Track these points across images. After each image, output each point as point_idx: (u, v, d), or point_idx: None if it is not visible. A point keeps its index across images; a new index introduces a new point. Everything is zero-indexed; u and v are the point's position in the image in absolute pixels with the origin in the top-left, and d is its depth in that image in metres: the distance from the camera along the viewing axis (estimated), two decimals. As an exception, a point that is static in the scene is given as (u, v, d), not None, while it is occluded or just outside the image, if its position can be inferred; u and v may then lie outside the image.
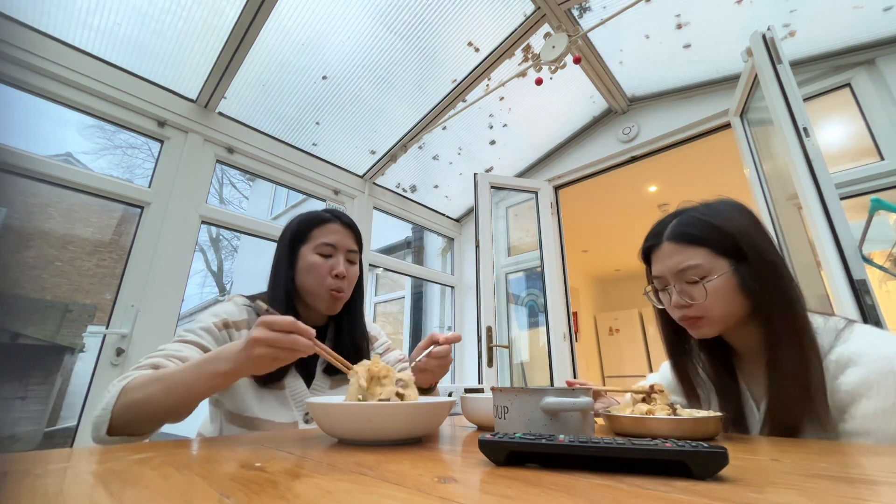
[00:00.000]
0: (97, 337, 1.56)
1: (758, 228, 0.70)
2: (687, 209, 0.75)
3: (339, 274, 0.88)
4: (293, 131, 2.24)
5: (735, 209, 0.72)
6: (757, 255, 0.67)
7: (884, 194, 1.58)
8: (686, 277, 0.70)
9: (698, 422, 0.59)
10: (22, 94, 1.52)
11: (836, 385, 0.61)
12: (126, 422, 0.60)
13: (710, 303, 0.68)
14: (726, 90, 2.10)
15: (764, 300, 0.66)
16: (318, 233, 0.90)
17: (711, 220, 0.70)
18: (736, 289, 0.68)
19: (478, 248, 2.42)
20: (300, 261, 0.89)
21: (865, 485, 0.34)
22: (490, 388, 0.57)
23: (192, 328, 0.79)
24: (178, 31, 1.65)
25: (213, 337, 0.79)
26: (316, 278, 0.87)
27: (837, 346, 0.63)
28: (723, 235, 0.68)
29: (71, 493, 0.30)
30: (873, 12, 1.65)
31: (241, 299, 0.91)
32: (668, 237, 0.72)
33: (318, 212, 0.95)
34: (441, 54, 2.00)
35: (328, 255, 0.89)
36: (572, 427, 0.49)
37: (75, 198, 6.28)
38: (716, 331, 0.72)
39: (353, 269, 0.93)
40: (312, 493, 0.30)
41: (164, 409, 0.61)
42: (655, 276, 0.75)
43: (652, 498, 0.28)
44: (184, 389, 0.60)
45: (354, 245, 0.94)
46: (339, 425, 0.54)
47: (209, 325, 0.80)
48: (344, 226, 0.93)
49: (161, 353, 0.70)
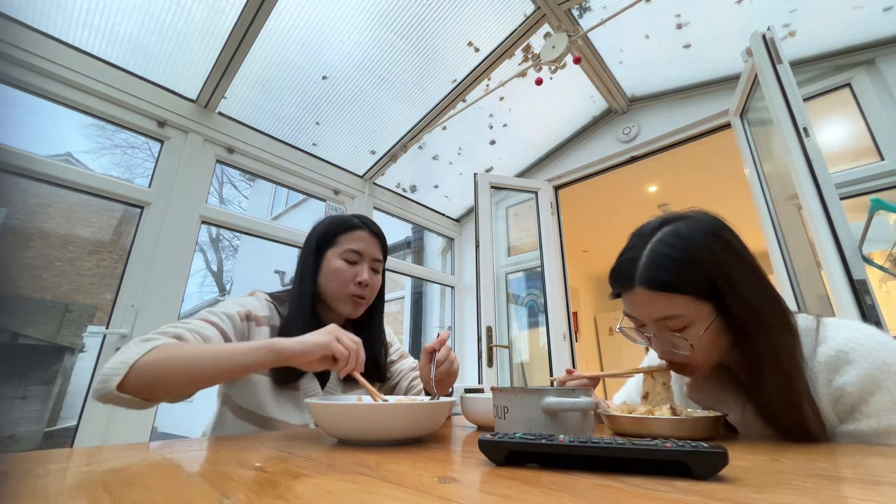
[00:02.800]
0: (97, 337, 1.56)
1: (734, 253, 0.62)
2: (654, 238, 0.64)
3: (362, 282, 0.88)
4: (293, 131, 2.24)
5: (708, 234, 0.62)
6: (738, 296, 0.60)
7: (884, 194, 1.58)
8: (667, 326, 0.63)
9: (698, 422, 0.59)
10: (22, 94, 1.52)
11: (834, 387, 0.59)
12: (143, 382, 0.59)
13: (696, 351, 0.63)
14: (726, 90, 2.10)
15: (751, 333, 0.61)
16: (346, 239, 0.91)
17: (685, 258, 0.61)
18: (722, 332, 0.62)
19: (478, 248, 2.42)
20: (325, 264, 0.90)
21: (865, 485, 0.34)
22: (490, 388, 0.57)
23: (216, 311, 0.79)
24: (178, 31, 1.65)
25: (234, 325, 0.79)
26: (339, 283, 0.88)
27: (820, 347, 0.61)
28: (701, 279, 0.60)
29: (71, 493, 0.30)
30: (873, 12, 1.65)
31: (263, 295, 0.91)
32: (642, 282, 0.62)
33: (347, 217, 0.95)
34: (441, 54, 2.00)
35: (353, 261, 0.89)
36: (572, 427, 0.49)
37: (75, 198, 6.28)
38: (704, 373, 0.69)
39: (377, 279, 0.93)
40: (312, 493, 0.30)
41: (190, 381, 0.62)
42: (631, 315, 0.68)
43: (652, 498, 0.28)
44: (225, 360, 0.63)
45: (380, 254, 0.94)
46: (339, 425, 0.54)
47: (233, 312, 0.80)
48: (372, 234, 0.93)
49: (185, 326, 0.71)
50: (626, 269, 0.65)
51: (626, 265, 0.65)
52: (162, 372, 0.60)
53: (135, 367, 0.59)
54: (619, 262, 0.68)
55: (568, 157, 2.75)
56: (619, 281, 0.67)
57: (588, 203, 3.68)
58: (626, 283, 0.65)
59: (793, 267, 1.60)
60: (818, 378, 0.60)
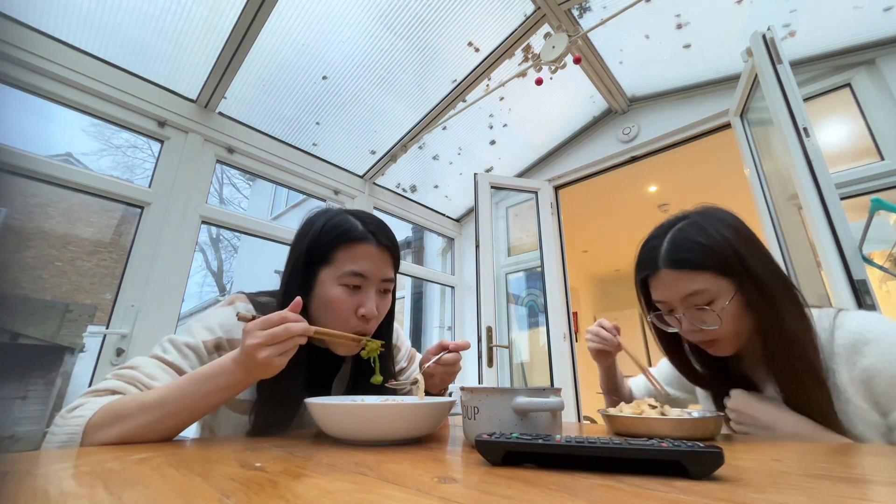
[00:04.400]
0: (97, 337, 1.56)
1: (746, 239, 0.69)
2: (673, 228, 0.72)
3: (367, 315, 0.69)
4: (293, 131, 2.24)
5: (721, 223, 0.69)
6: (755, 273, 0.66)
7: (884, 194, 1.58)
8: (693, 302, 0.68)
9: (697, 422, 0.59)
10: (22, 94, 1.52)
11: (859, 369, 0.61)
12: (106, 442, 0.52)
13: (723, 327, 0.68)
14: (726, 90, 2.10)
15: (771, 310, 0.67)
16: (345, 256, 0.69)
17: (704, 240, 0.68)
18: (745, 307, 0.68)
19: (478, 248, 2.41)
20: (317, 287, 0.70)
21: (865, 485, 0.34)
22: (459, 388, 0.57)
23: (178, 343, 0.66)
24: (178, 31, 1.65)
25: (199, 359, 0.66)
26: (336, 317, 0.69)
27: (837, 332, 0.65)
28: (720, 257, 0.67)
29: (71, 493, 0.30)
30: (873, 12, 1.65)
31: (244, 305, 0.74)
32: (666, 264, 0.70)
33: (348, 223, 0.71)
34: (441, 54, 2.00)
35: (356, 285, 0.69)
36: (542, 427, 0.50)
37: (75, 198, 6.28)
38: (733, 348, 0.72)
39: (385, 302, 0.74)
40: (312, 493, 0.30)
41: (149, 432, 0.54)
42: (659, 301, 0.74)
43: (652, 498, 0.28)
44: (177, 411, 0.54)
45: (391, 271, 0.74)
46: (339, 425, 0.54)
47: (198, 343, 0.67)
48: (381, 248, 0.72)
49: (126, 376, 0.60)
50: (651, 256, 0.72)
51: (650, 252, 0.73)
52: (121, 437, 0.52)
53: (86, 438, 0.51)
54: (643, 251, 0.75)
55: (568, 157, 2.75)
56: (645, 266, 0.74)
57: (588, 203, 3.68)
58: (652, 266, 0.72)
59: (793, 267, 1.60)
60: (841, 363, 0.63)
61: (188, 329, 0.69)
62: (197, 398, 0.55)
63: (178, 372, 0.63)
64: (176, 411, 0.54)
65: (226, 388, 0.56)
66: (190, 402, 0.55)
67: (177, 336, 0.68)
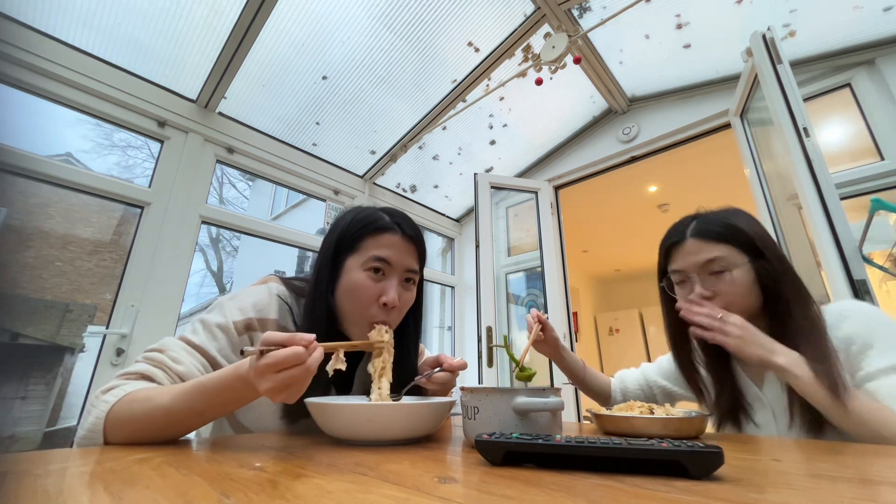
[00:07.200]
0: (97, 337, 1.56)
1: (768, 237, 0.78)
2: (704, 213, 0.83)
3: (388, 303, 0.69)
4: (293, 131, 2.24)
5: (747, 216, 0.80)
6: (773, 255, 0.75)
7: (884, 194, 1.58)
8: (710, 269, 0.77)
9: (683, 421, 0.61)
10: (22, 94, 1.52)
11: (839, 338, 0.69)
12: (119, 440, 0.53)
13: (732, 294, 0.75)
14: (726, 90, 2.10)
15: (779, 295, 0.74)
16: (371, 243, 0.71)
17: (732, 221, 0.78)
18: (754, 283, 0.76)
19: (478, 248, 2.41)
20: (343, 275, 0.71)
21: (865, 485, 0.34)
22: (460, 388, 0.56)
23: (209, 323, 0.66)
24: (178, 31, 1.64)
25: (230, 340, 0.66)
26: (357, 303, 0.69)
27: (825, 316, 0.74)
28: (743, 235, 0.76)
29: (71, 493, 0.30)
30: (873, 12, 1.65)
31: (278, 287, 0.75)
32: (693, 234, 0.79)
33: (374, 214, 0.74)
34: (441, 54, 2.00)
35: (378, 269, 0.70)
36: (542, 427, 0.50)
37: (75, 198, 6.28)
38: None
39: (408, 294, 0.74)
40: (312, 493, 0.30)
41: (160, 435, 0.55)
42: (676, 269, 0.82)
43: (652, 498, 0.28)
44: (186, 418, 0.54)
45: (415, 263, 0.74)
46: (339, 425, 0.54)
47: (228, 323, 0.67)
48: (406, 238, 0.73)
49: (155, 359, 0.61)
50: (680, 229, 0.82)
51: (679, 226, 0.83)
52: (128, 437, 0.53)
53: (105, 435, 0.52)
54: (673, 226, 0.85)
55: (568, 157, 2.75)
56: (673, 235, 0.83)
57: (588, 203, 3.68)
58: (679, 236, 0.81)
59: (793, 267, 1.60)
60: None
61: (220, 307, 0.70)
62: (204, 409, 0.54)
63: (203, 355, 0.64)
64: (183, 419, 0.54)
65: (236, 401, 0.54)
66: (196, 413, 0.54)
67: (208, 315, 0.68)
